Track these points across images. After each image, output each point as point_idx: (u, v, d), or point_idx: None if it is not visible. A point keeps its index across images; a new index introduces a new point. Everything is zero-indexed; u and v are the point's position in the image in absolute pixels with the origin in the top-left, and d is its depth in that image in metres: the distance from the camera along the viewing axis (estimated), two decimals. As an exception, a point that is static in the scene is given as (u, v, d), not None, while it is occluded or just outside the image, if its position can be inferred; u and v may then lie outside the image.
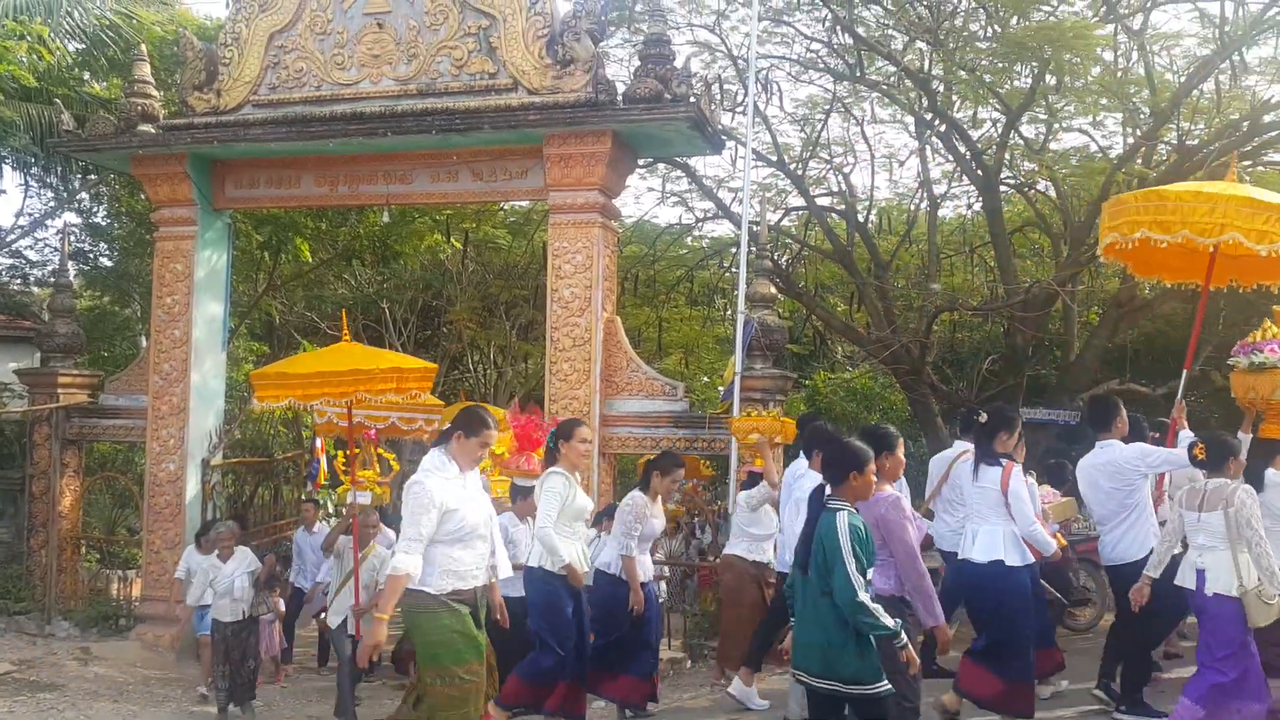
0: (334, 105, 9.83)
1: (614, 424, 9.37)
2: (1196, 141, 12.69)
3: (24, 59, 12.53)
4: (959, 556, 6.17)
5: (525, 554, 6.72)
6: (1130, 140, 13.67)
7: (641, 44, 9.75)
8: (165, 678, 9.03)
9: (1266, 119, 12.26)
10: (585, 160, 9.25)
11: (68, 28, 13.60)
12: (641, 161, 11.69)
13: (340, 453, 8.49)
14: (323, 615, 8.34)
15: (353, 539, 7.43)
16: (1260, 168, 13.91)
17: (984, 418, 6.28)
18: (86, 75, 14.31)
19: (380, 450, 8.50)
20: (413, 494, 4.85)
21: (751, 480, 7.86)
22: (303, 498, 11.07)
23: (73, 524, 11.14)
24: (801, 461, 7.04)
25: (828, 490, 4.50)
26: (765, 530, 7.58)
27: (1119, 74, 13.03)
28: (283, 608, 8.69)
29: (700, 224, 17.17)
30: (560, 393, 9.28)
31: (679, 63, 9.23)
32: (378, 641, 4.93)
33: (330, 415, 8.80)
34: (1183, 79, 12.79)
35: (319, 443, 10.08)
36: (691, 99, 9.01)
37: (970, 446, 6.47)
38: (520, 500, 7.55)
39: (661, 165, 15.29)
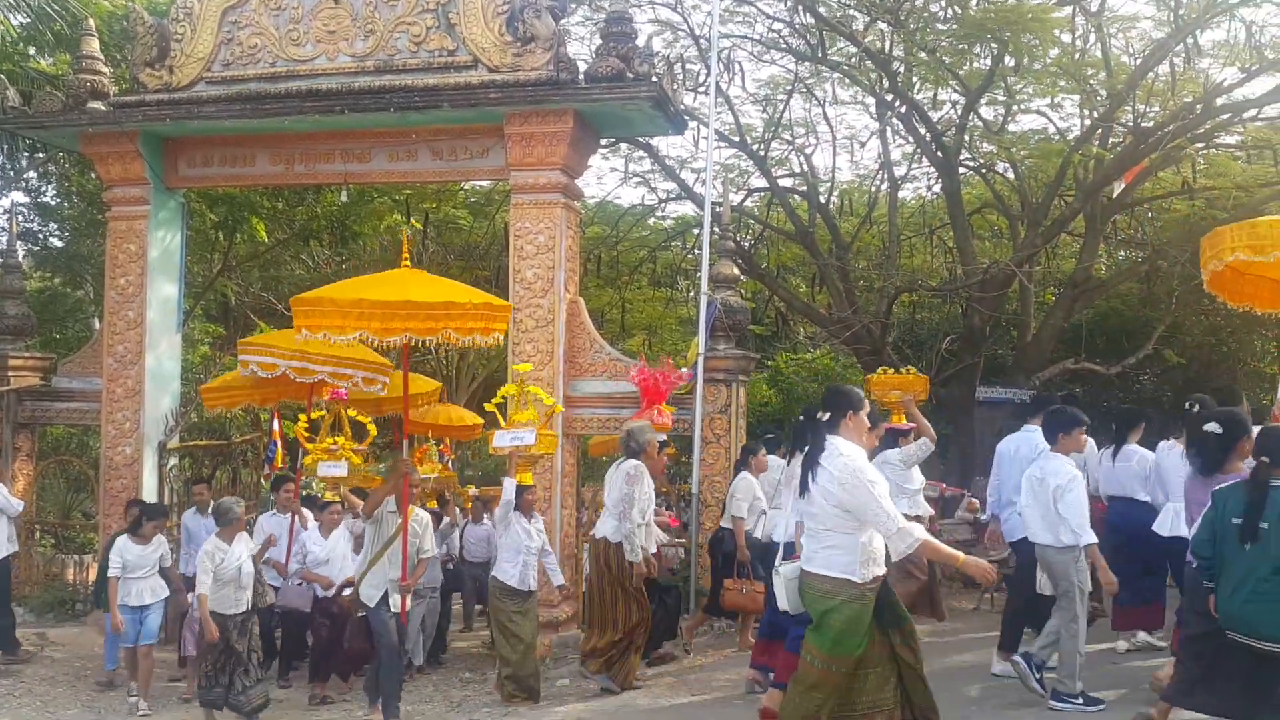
0: (289, 82, 9.65)
1: (578, 405, 9.35)
2: (1151, 124, 12.86)
3: (-33, 34, 12.18)
4: None
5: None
6: (1088, 122, 13.83)
7: (603, 22, 9.69)
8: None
9: (1219, 101, 12.44)
10: (547, 140, 9.19)
11: (11, 1, 13.23)
12: (604, 141, 11.63)
13: (302, 416, 8.06)
14: (344, 593, 7.69)
15: (401, 505, 6.78)
16: (1212, 150, 14.15)
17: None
18: (32, 51, 13.92)
19: (354, 413, 8.12)
20: (869, 478, 4.40)
21: (891, 438, 7.66)
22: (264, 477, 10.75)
23: (27, 509, 10.92)
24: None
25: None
26: (916, 485, 7.69)
27: (1076, 56, 13.16)
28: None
29: (663, 205, 17.19)
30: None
31: (641, 41, 9.18)
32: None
33: (284, 369, 8.08)
34: (1138, 61, 12.95)
35: (276, 424, 9.96)
36: (654, 78, 8.96)
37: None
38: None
39: (624, 145, 15.24)
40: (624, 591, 7.16)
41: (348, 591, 7.51)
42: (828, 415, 4.59)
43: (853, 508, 4.35)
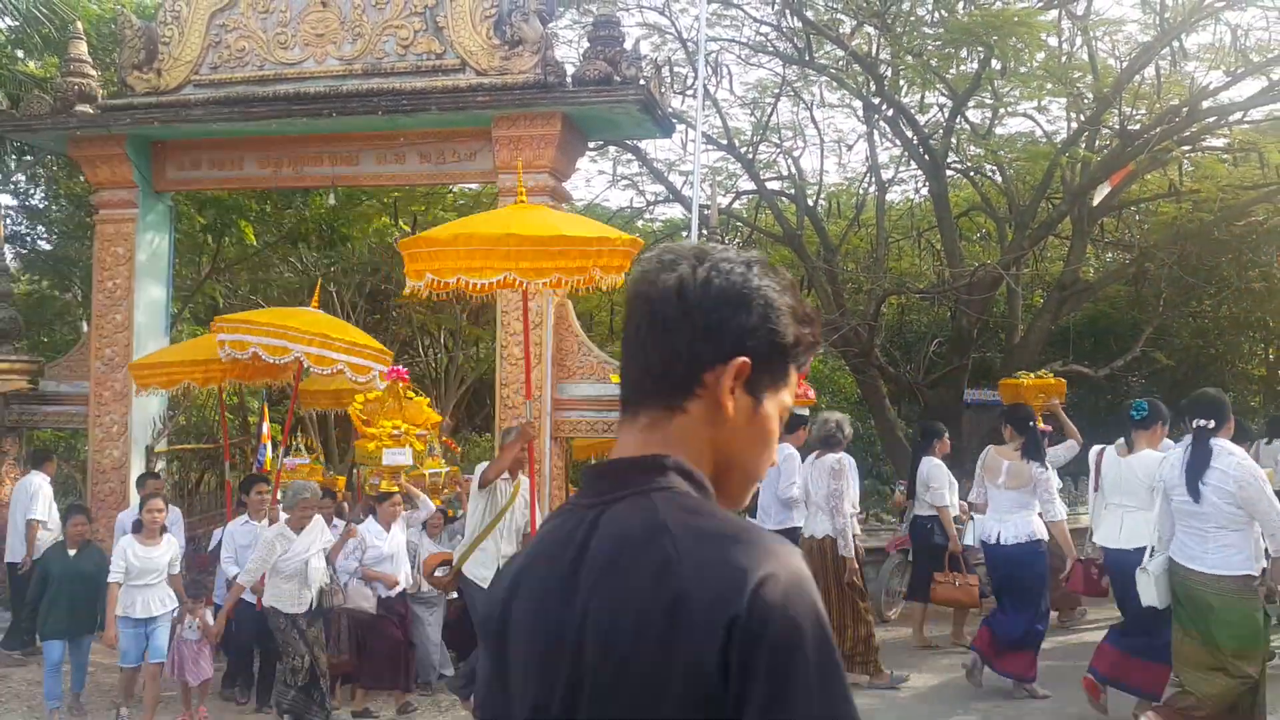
0: (277, 85, 9.66)
1: (565, 408, 9.36)
2: (1138, 126, 12.93)
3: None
4: None
5: None
6: (1074, 125, 13.89)
7: (590, 25, 9.72)
8: (112, 665, 8.83)
9: (1205, 105, 12.51)
10: (535, 143, 9.20)
11: None
12: (591, 144, 11.65)
13: (359, 395, 7.82)
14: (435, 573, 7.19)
15: (526, 469, 6.39)
16: (1199, 153, 14.23)
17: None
18: (20, 53, 13.91)
19: (364, 398, 7.88)
20: (1260, 476, 4.89)
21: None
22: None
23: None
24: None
25: None
26: (1056, 488, 7.70)
27: (1063, 60, 13.24)
28: (210, 619, 7.11)
29: (651, 207, 17.21)
30: (511, 377, 9.24)
31: (628, 45, 9.21)
32: None
33: (255, 346, 7.34)
34: (1125, 65, 13.02)
35: (265, 428, 9.94)
36: (641, 81, 8.99)
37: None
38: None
39: (612, 148, 15.26)
40: (840, 591, 7.07)
41: (440, 572, 7.07)
42: (1211, 422, 5.02)
43: (1246, 504, 4.80)
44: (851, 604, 7.08)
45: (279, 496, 7.37)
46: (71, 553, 7.29)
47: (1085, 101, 13.35)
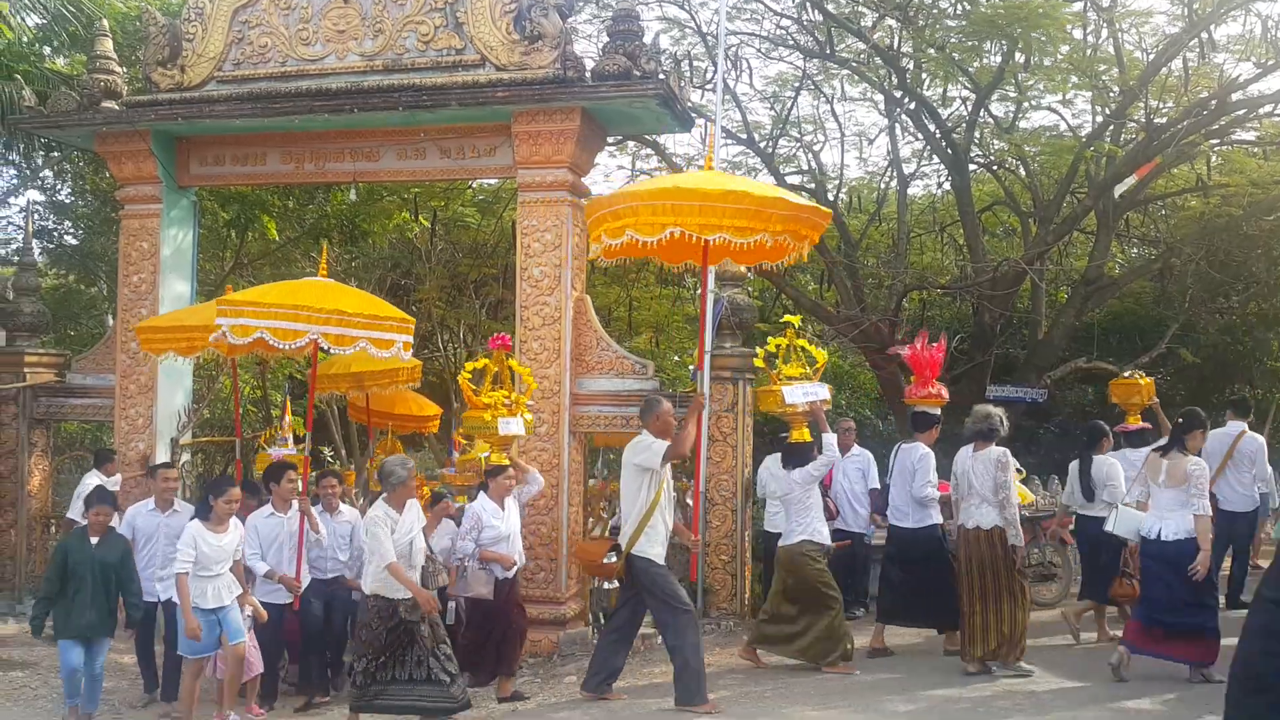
0: (299, 81, 9.72)
1: (584, 403, 9.38)
2: (1164, 120, 12.80)
3: (-17, 34, 12.29)
4: None
5: None
6: (1099, 119, 13.77)
7: (610, 20, 9.69)
8: (124, 666, 8.90)
9: (1234, 97, 12.37)
10: (554, 137, 9.21)
11: (27, 2, 13.35)
12: (611, 139, 11.67)
13: (468, 364, 7.66)
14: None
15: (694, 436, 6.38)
16: (1227, 146, 14.07)
17: None
18: (47, 51, 14.07)
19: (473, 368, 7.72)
20: None
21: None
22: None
23: (42, 503, 11.05)
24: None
25: None
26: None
27: (1088, 52, 13.11)
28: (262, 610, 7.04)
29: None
30: (530, 372, 9.27)
31: (648, 39, 9.19)
32: None
33: (261, 331, 6.88)
34: (1151, 57, 12.89)
35: (287, 420, 10.00)
36: (660, 75, 8.98)
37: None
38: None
39: (631, 143, 15.26)
40: (1010, 578, 7.27)
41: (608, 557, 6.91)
42: None
43: None
44: (1022, 590, 7.32)
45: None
46: (94, 541, 6.86)
47: (1111, 95, 13.23)
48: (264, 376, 13.51)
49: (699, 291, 13.97)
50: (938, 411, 8.33)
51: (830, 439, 7.47)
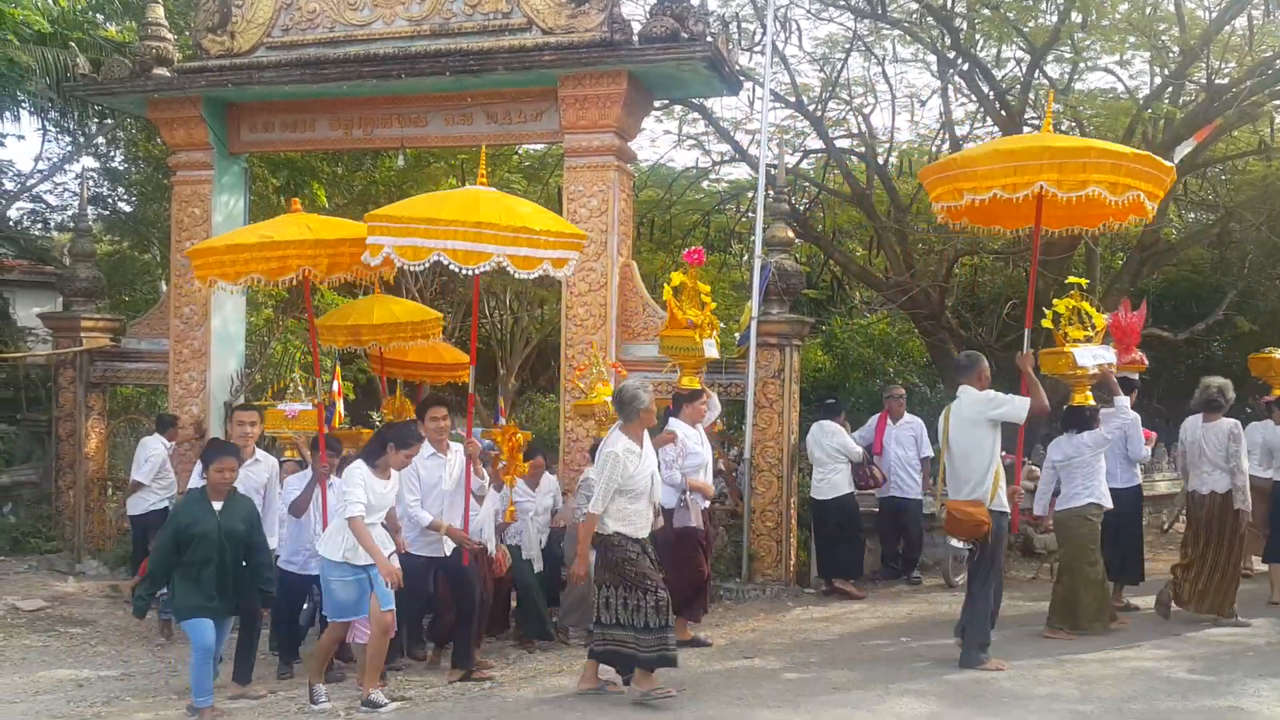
0: (347, 47, 9.75)
1: (630, 369, 9.36)
2: (1227, 80, 12.42)
3: (38, 3, 12.46)
4: None
5: None
6: (1158, 80, 13.39)
7: (657, -18, 9.58)
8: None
9: (1300, 56, 11.97)
10: (600, 102, 9.16)
11: (81, -30, 13.51)
12: (657, 103, 11.57)
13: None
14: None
15: None
16: (1290, 107, 13.63)
17: None
18: (100, 18, 14.24)
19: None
20: None
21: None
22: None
23: (99, 465, 11.32)
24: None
25: None
26: None
27: (1147, 11, 12.73)
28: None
29: (717, 167, 17.01)
30: (576, 337, 9.29)
31: (695, 1, 9.08)
32: None
33: (438, 252, 5.99)
34: (1214, 15, 12.48)
35: (336, 385, 10.10)
36: (708, 38, 8.88)
37: None
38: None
39: (678, 108, 15.10)
40: (1234, 538, 7.68)
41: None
42: None
43: None
44: (1242, 550, 7.82)
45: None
46: (217, 506, 5.93)
47: (1170, 55, 12.84)
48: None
49: (746, 259, 13.89)
50: (1136, 377, 8.56)
51: (1123, 400, 7.58)
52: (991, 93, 13.60)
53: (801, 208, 15.49)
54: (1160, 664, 6.48)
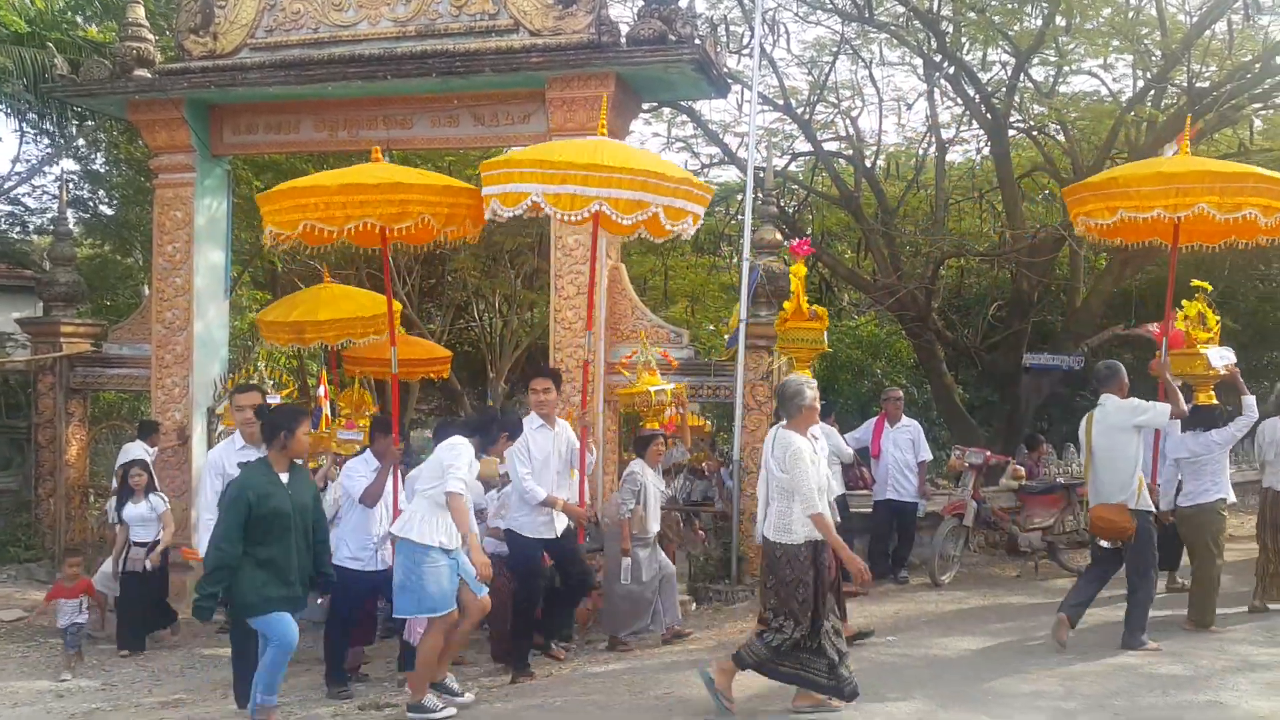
0: (332, 48, 9.66)
1: (619, 371, 9.33)
2: (1207, 84, 12.50)
3: (15, 3, 12.32)
4: None
5: None
6: (1140, 83, 13.47)
7: (645, -17, 9.54)
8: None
9: (1278, 60, 12.04)
10: (588, 104, 9.10)
11: (59, -30, 13.36)
12: (646, 106, 11.53)
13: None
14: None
15: None
16: (1270, 110, 13.73)
17: None
18: (79, 19, 14.08)
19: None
20: None
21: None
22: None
23: (80, 472, 11.17)
24: None
25: None
26: None
27: (1130, 15, 12.81)
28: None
29: (705, 170, 16.97)
30: (565, 340, 9.23)
31: (683, 3, 9.06)
32: None
33: (536, 196, 5.81)
34: (1195, 20, 12.57)
35: (323, 390, 10.01)
36: (696, 40, 8.85)
37: None
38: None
39: (666, 110, 15.09)
40: None
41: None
42: None
43: None
44: None
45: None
46: (284, 478, 5.15)
47: (1153, 58, 12.92)
48: (299, 349, 13.54)
49: (735, 261, 13.86)
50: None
51: (1250, 400, 7.57)
52: (977, 96, 13.65)
53: (790, 210, 15.50)
54: (1142, 660, 6.50)
